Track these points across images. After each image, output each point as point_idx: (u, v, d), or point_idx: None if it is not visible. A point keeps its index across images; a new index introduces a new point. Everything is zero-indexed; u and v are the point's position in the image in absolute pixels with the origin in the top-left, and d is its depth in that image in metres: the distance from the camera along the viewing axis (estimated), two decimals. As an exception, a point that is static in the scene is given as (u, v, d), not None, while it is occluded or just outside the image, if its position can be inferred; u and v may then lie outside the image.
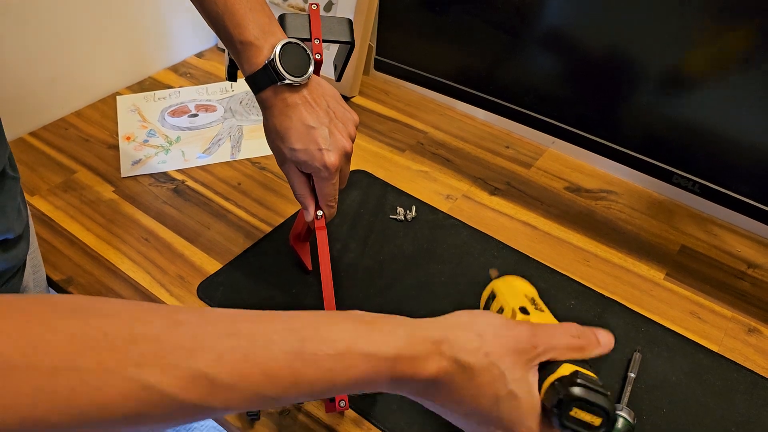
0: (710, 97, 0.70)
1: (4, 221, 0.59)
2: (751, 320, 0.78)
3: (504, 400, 0.43)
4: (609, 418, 0.42)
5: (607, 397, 0.42)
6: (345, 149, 0.64)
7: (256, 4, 0.63)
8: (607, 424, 0.42)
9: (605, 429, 0.42)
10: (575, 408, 0.42)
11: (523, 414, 0.44)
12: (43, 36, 0.99)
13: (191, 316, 0.37)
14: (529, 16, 0.79)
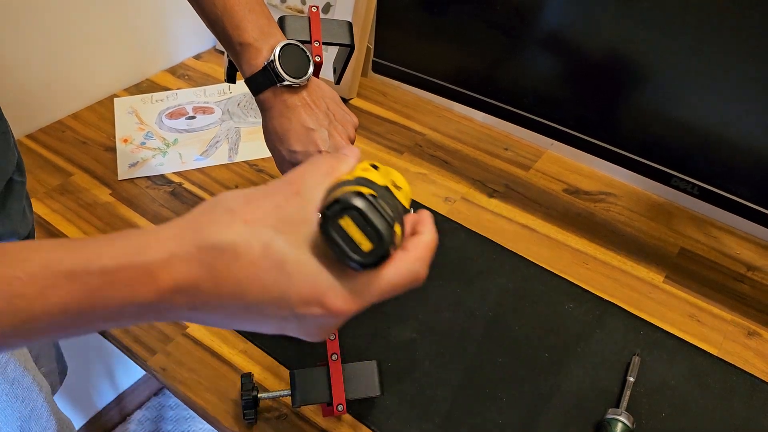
0: (709, 99, 0.69)
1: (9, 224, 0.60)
2: (751, 323, 0.77)
3: (290, 263, 0.34)
4: (380, 248, 0.34)
5: (388, 225, 0.35)
6: None
7: (255, 6, 0.63)
8: (375, 254, 0.34)
9: (372, 261, 0.35)
10: (348, 218, 0.34)
11: (320, 270, 0.34)
12: (41, 38, 0.99)
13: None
14: (527, 18, 0.78)
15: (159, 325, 0.74)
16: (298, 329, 0.36)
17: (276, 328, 0.36)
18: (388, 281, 0.36)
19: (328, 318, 0.35)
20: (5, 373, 0.58)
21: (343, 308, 0.35)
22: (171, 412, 1.64)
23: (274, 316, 0.35)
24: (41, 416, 0.63)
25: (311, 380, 0.59)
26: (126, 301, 0.32)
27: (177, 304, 0.33)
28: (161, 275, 0.32)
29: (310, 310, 0.34)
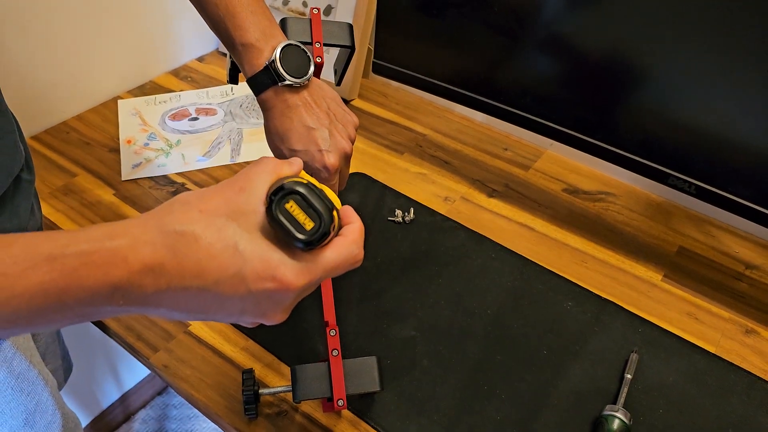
0: (706, 98, 0.70)
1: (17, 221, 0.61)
2: (749, 321, 0.78)
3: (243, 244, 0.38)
4: (322, 227, 0.39)
5: (327, 207, 0.39)
6: (345, 151, 0.64)
7: (257, 7, 0.64)
8: (318, 232, 0.39)
9: (315, 239, 0.39)
10: (292, 202, 0.38)
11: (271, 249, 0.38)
12: (45, 41, 1.00)
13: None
14: (526, 20, 0.79)
15: (161, 323, 0.75)
16: (255, 308, 0.39)
17: (235, 309, 0.39)
18: (331, 259, 0.40)
19: (280, 293, 0.38)
20: (11, 367, 0.59)
21: (293, 281, 0.38)
22: (175, 411, 1.65)
23: (232, 296, 0.38)
24: (47, 410, 0.63)
25: (312, 375, 0.60)
26: (100, 281, 0.34)
27: (145, 286, 0.36)
28: (131, 257, 0.35)
29: (264, 284, 0.38)
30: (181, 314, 0.39)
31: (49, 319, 0.35)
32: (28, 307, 0.33)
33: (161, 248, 0.36)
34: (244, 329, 0.74)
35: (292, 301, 0.40)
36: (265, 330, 0.74)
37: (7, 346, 0.59)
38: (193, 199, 0.39)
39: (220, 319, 0.41)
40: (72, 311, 0.35)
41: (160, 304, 0.37)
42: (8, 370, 0.59)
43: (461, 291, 0.79)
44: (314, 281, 0.40)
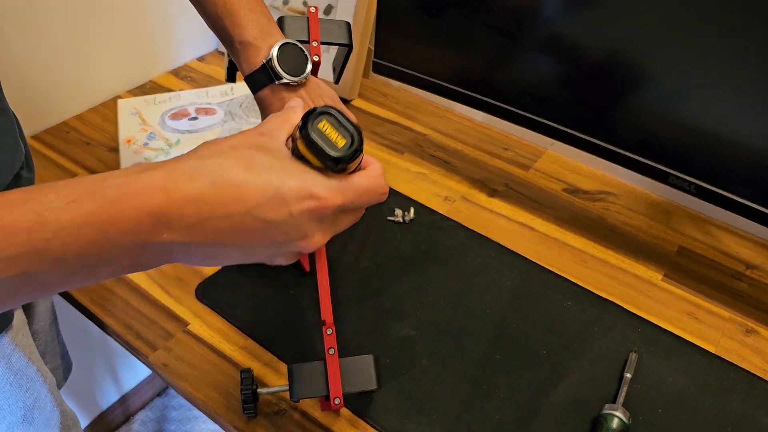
0: (705, 97, 0.70)
1: None
2: (749, 321, 0.78)
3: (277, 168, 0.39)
4: (354, 143, 0.41)
5: (356, 128, 0.42)
6: None
7: (255, 6, 0.64)
8: (351, 149, 0.41)
9: (348, 155, 0.40)
10: (325, 121, 0.40)
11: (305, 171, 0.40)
12: (45, 40, 1.00)
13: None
14: (526, 19, 0.79)
15: (160, 322, 0.75)
16: (297, 230, 0.39)
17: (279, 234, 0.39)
18: (360, 183, 0.42)
19: (319, 210, 0.39)
20: (10, 363, 0.59)
21: (330, 197, 0.39)
22: (174, 412, 1.65)
23: (274, 219, 0.38)
24: (45, 406, 0.63)
25: (308, 374, 0.60)
26: (141, 211, 0.34)
27: (187, 216, 0.36)
28: (169, 186, 0.36)
29: (303, 203, 0.38)
30: (228, 249, 0.38)
31: (98, 258, 0.34)
32: (76, 243, 0.33)
33: (198, 177, 0.36)
34: (242, 327, 0.74)
35: (330, 222, 0.41)
36: (264, 329, 0.74)
37: (5, 342, 0.59)
38: (220, 140, 0.40)
39: (266, 252, 0.40)
40: (120, 248, 0.35)
41: (205, 237, 0.37)
42: (7, 366, 0.59)
43: (461, 290, 0.79)
44: (348, 202, 0.41)
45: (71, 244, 0.33)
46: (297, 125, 0.41)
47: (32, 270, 0.33)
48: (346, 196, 0.40)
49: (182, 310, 0.76)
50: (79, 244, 0.33)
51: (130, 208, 0.34)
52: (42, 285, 0.35)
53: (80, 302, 0.78)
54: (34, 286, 0.34)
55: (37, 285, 0.34)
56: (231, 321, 0.75)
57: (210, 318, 0.76)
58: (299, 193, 0.38)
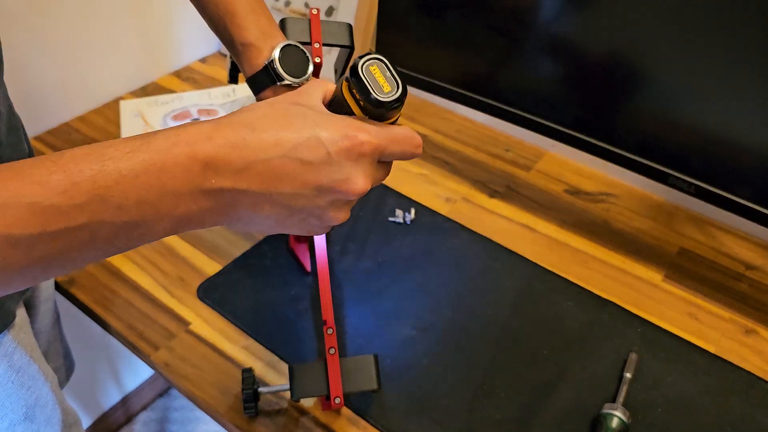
0: (705, 98, 0.70)
1: None
2: (749, 321, 0.78)
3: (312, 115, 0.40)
4: (399, 92, 0.41)
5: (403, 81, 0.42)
6: None
7: (257, 7, 0.65)
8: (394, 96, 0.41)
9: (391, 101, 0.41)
10: (376, 66, 0.41)
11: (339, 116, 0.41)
12: (48, 41, 1.01)
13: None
14: (526, 21, 0.79)
15: (162, 321, 0.75)
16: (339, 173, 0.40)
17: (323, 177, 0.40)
18: (397, 131, 0.42)
19: (357, 150, 0.39)
20: (11, 361, 0.59)
21: (366, 138, 0.40)
22: (176, 413, 1.65)
23: (314, 162, 0.39)
24: (46, 405, 0.64)
25: (309, 374, 0.60)
26: (191, 157, 0.37)
27: (233, 160, 0.38)
28: (214, 134, 0.38)
29: (341, 143, 0.39)
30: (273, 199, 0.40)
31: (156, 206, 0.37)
32: (135, 190, 0.36)
33: (240, 127, 0.39)
34: (244, 327, 0.75)
35: (369, 165, 0.41)
36: (265, 329, 0.74)
37: (8, 341, 0.59)
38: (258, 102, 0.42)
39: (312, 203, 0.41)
40: (174, 195, 0.37)
41: (250, 183, 0.38)
42: (9, 364, 0.59)
43: (462, 291, 0.80)
44: (383, 146, 0.41)
45: (131, 190, 0.35)
46: (344, 74, 0.42)
47: (97, 218, 0.35)
48: (381, 138, 0.41)
49: (184, 310, 0.77)
50: (138, 191, 0.36)
51: (180, 155, 0.37)
52: (107, 238, 0.36)
53: (83, 302, 0.78)
54: (100, 239, 0.36)
55: (103, 238, 0.36)
56: (232, 321, 0.75)
57: (212, 318, 0.76)
58: (334, 133, 0.39)
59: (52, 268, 0.36)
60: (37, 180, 0.34)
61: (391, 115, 0.42)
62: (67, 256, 0.36)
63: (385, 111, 0.41)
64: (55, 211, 0.34)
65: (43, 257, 0.35)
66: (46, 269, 0.36)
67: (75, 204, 0.34)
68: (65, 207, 0.34)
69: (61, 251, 0.35)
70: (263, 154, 0.38)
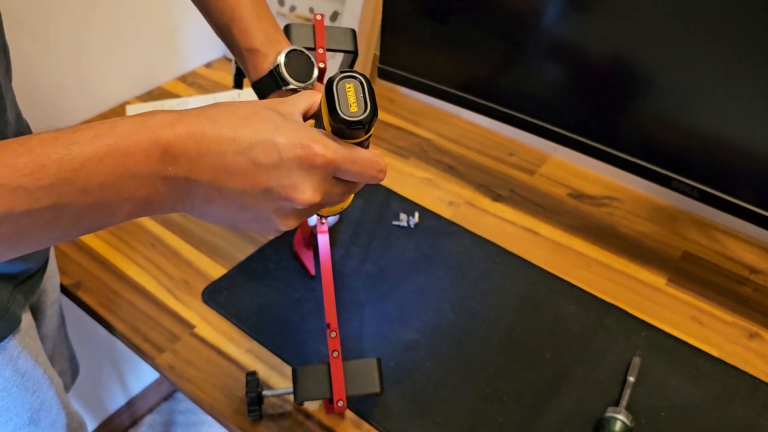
0: (709, 102, 0.70)
1: None
2: (753, 325, 0.78)
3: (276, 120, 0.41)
4: (364, 115, 0.41)
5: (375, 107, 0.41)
6: None
7: (263, 13, 0.65)
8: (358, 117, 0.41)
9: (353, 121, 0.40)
10: (352, 85, 0.41)
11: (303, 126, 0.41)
12: (55, 46, 1.02)
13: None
14: (530, 25, 0.80)
15: (167, 324, 0.76)
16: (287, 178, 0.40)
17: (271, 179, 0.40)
18: (360, 153, 0.42)
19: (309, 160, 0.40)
20: (16, 366, 0.60)
21: (321, 151, 0.40)
22: (181, 416, 1.66)
23: (265, 162, 0.40)
24: (51, 408, 0.64)
25: (313, 377, 0.60)
26: (152, 142, 0.38)
27: (190, 150, 0.39)
28: (177, 123, 0.39)
29: (294, 151, 0.40)
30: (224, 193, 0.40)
31: (118, 189, 0.38)
32: (99, 172, 0.37)
33: (203, 119, 0.40)
34: (248, 330, 0.75)
35: (322, 179, 0.41)
36: (269, 332, 0.74)
37: (13, 345, 0.60)
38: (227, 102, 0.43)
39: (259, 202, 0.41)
40: (134, 179, 0.38)
41: (203, 174, 0.40)
42: (14, 369, 0.60)
43: (465, 294, 0.80)
44: (340, 163, 0.41)
45: (95, 173, 0.37)
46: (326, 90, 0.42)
47: (63, 201, 0.36)
48: (337, 154, 0.41)
49: (189, 313, 0.77)
50: (102, 174, 0.37)
51: (143, 141, 0.38)
52: (71, 220, 0.38)
53: (88, 305, 0.79)
54: (65, 220, 0.37)
55: (68, 219, 0.37)
56: (237, 324, 0.76)
57: (216, 321, 0.76)
58: (291, 141, 0.40)
59: (18, 245, 0.38)
60: (4, 162, 0.35)
61: (354, 135, 0.42)
62: (32, 234, 0.37)
63: (345, 129, 0.41)
64: (22, 192, 0.35)
65: (8, 235, 0.36)
66: (12, 246, 0.38)
67: (41, 185, 0.35)
68: (31, 188, 0.35)
69: (26, 230, 0.37)
70: (218, 148, 0.39)
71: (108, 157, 0.37)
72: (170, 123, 0.39)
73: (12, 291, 0.60)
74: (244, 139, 0.39)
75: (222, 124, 0.40)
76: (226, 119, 0.40)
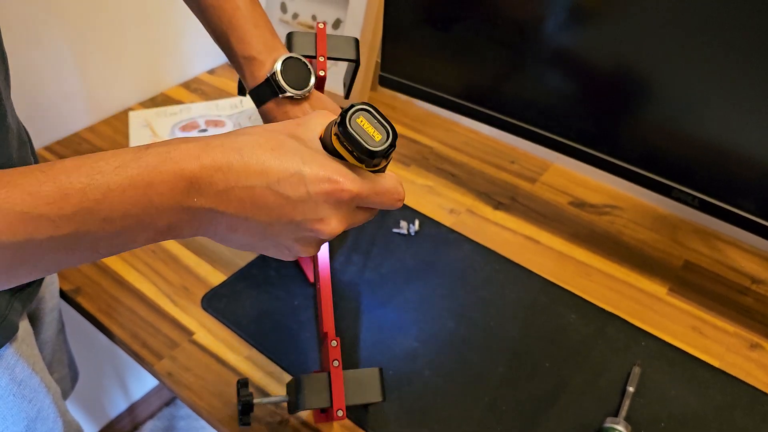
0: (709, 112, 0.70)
1: None
2: (754, 335, 0.77)
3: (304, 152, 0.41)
4: (390, 138, 0.41)
5: (391, 126, 0.42)
6: None
7: (260, 21, 0.65)
8: (386, 143, 0.41)
9: (383, 150, 0.41)
10: (362, 117, 0.41)
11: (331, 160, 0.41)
12: (58, 52, 1.02)
13: None
14: (531, 34, 0.80)
15: (166, 331, 0.76)
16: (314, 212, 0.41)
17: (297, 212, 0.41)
18: (382, 183, 0.43)
19: (336, 194, 0.40)
20: (13, 374, 0.60)
21: (348, 185, 0.40)
22: (182, 422, 1.66)
23: (293, 197, 0.40)
24: (48, 417, 0.64)
25: (313, 385, 0.60)
26: (177, 175, 0.38)
27: (216, 182, 0.39)
28: (202, 155, 0.39)
29: (322, 185, 0.40)
30: (249, 223, 0.41)
31: (140, 219, 0.38)
32: (122, 203, 0.37)
33: (229, 150, 0.39)
34: (247, 337, 0.75)
35: (347, 211, 0.42)
36: (268, 339, 0.74)
37: (10, 353, 0.59)
38: (258, 125, 0.43)
39: (284, 231, 0.42)
40: (158, 210, 0.38)
41: (229, 205, 0.40)
42: (11, 377, 0.59)
43: (465, 303, 0.80)
44: (364, 195, 0.42)
45: (118, 204, 0.37)
46: (332, 122, 0.42)
47: (84, 229, 0.36)
48: (363, 188, 0.41)
49: (188, 320, 0.77)
50: (125, 205, 0.37)
51: (167, 173, 0.38)
52: (90, 246, 0.38)
53: (88, 310, 0.79)
54: (84, 246, 0.38)
55: (87, 246, 0.38)
56: (236, 331, 0.76)
57: (215, 328, 0.76)
58: (319, 175, 0.40)
59: (36, 268, 0.38)
60: (28, 190, 0.35)
61: (379, 162, 0.42)
62: (50, 258, 0.37)
63: (380, 159, 0.41)
64: (44, 220, 0.35)
65: (27, 260, 0.36)
66: (30, 270, 0.38)
67: (63, 214, 0.35)
68: (53, 217, 0.35)
69: (45, 255, 0.37)
70: (245, 181, 0.39)
71: (131, 188, 0.37)
72: (195, 155, 0.39)
73: (9, 299, 0.60)
74: (272, 173, 0.39)
75: (249, 156, 0.39)
76: (252, 151, 0.40)
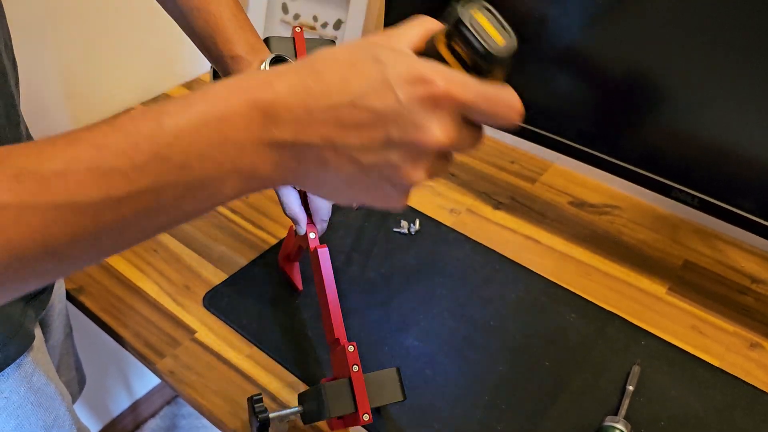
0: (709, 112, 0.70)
1: None
2: (754, 335, 0.78)
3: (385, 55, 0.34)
4: (512, 44, 0.34)
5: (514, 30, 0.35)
6: None
7: (245, 24, 0.66)
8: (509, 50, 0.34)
9: (504, 56, 0.34)
10: (482, 15, 0.34)
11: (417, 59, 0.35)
12: (59, 53, 1.03)
13: None
14: (531, 33, 0.80)
15: (168, 329, 0.76)
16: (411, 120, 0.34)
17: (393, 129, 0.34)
18: (491, 89, 0.35)
19: (432, 98, 0.34)
20: (30, 383, 0.60)
21: (444, 85, 0.33)
22: (184, 421, 1.66)
23: (383, 110, 0.34)
24: (63, 424, 0.64)
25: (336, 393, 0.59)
26: (250, 104, 0.34)
27: (294, 107, 0.34)
28: (276, 82, 0.34)
29: (414, 88, 0.33)
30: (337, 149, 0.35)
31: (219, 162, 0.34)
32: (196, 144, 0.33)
33: (304, 72, 0.35)
34: (249, 336, 0.75)
35: (449, 117, 0.34)
36: (270, 338, 0.75)
37: (28, 362, 0.60)
38: None
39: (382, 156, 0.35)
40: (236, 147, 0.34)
41: (312, 134, 0.35)
42: (28, 386, 0.60)
43: (465, 302, 0.80)
44: (470, 101, 0.34)
45: (191, 145, 0.33)
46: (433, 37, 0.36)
47: (162, 180, 0.33)
48: (468, 92, 0.34)
49: (190, 319, 0.78)
50: (199, 145, 0.33)
51: (239, 103, 0.34)
52: (174, 203, 0.34)
53: (91, 310, 0.79)
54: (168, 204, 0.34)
55: (170, 203, 0.34)
56: (237, 329, 0.76)
57: (217, 326, 0.77)
58: (407, 77, 0.33)
59: (123, 237, 0.34)
60: (93, 143, 0.32)
61: (495, 72, 0.35)
62: (135, 224, 0.34)
63: (500, 66, 0.34)
64: (117, 174, 0.32)
65: (112, 225, 0.33)
66: (118, 239, 0.34)
67: (136, 165, 0.32)
68: (126, 169, 0.32)
69: (129, 219, 0.33)
70: (326, 101, 0.34)
71: (203, 125, 0.33)
72: (268, 81, 0.34)
73: (23, 307, 0.60)
74: (354, 86, 0.34)
75: (327, 74, 0.34)
76: (330, 67, 0.35)
